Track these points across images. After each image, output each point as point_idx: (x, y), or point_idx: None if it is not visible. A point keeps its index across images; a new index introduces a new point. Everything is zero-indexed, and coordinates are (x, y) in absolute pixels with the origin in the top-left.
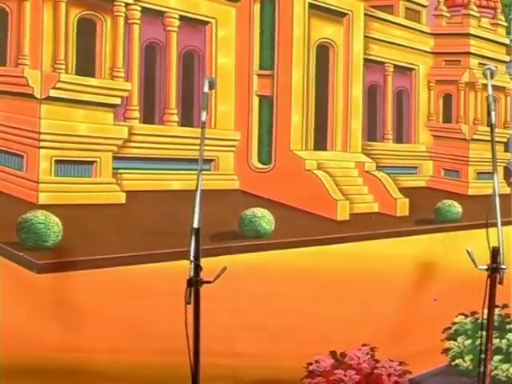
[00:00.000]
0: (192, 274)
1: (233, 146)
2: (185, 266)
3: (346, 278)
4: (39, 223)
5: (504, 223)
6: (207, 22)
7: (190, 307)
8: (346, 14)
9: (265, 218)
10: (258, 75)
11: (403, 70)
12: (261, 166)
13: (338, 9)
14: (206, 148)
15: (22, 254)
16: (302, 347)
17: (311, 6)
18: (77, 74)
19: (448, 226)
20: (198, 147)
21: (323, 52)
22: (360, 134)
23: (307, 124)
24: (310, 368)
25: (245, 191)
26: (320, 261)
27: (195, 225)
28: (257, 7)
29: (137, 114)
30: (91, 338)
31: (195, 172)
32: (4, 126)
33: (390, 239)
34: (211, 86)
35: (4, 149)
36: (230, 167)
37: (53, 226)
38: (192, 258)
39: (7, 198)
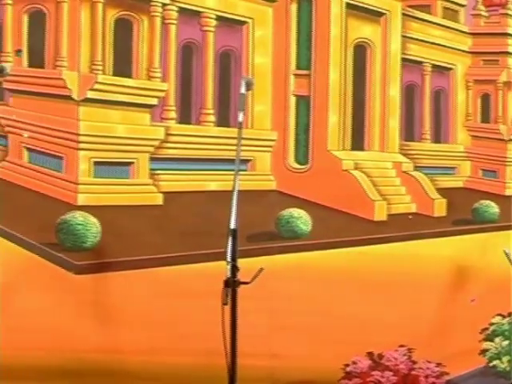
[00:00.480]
0: (229, 274)
1: (270, 147)
2: (222, 267)
3: (384, 278)
4: (78, 224)
5: None
6: (244, 22)
7: (227, 308)
8: (383, 14)
9: (302, 219)
10: (295, 75)
11: (441, 70)
12: (298, 166)
13: (375, 8)
14: (242, 148)
15: (60, 255)
16: (339, 348)
17: (348, 5)
18: (114, 74)
19: (485, 226)
20: (234, 147)
21: (360, 52)
22: (397, 134)
23: (344, 124)
24: (347, 369)
25: (282, 192)
26: (357, 261)
27: (232, 226)
28: (294, 7)
29: (173, 115)
30: (129, 338)
31: (232, 173)
32: (43, 127)
33: (428, 240)
34: (248, 86)
35: (43, 150)
36: (266, 167)
37: (91, 227)
38: (229, 259)
39: (46, 199)
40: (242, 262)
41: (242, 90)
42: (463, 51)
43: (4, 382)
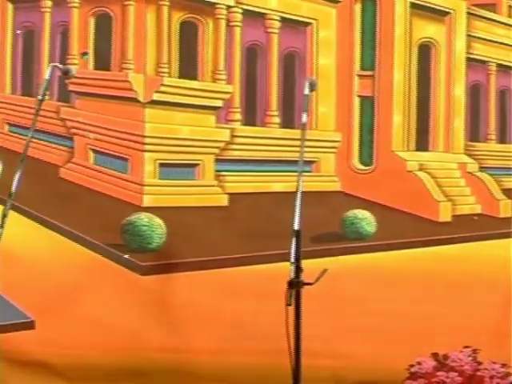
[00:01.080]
0: (293, 275)
1: (334, 148)
2: (286, 268)
3: (448, 279)
4: (143, 225)
5: None
6: (308, 23)
7: (291, 308)
8: (448, 13)
9: (366, 220)
10: (359, 76)
11: (506, 69)
12: (362, 167)
13: (440, 8)
14: (306, 149)
15: (126, 256)
16: (404, 349)
17: (413, 5)
18: (179, 77)
19: None
20: (298, 149)
21: (425, 51)
22: (462, 135)
23: (409, 124)
24: (412, 370)
25: (346, 193)
26: (422, 262)
27: (295, 227)
28: (358, 7)
29: (238, 116)
30: (194, 339)
31: (296, 174)
32: (108, 129)
33: (493, 241)
34: (312, 87)
35: (109, 152)
36: (331, 169)
37: (156, 229)
38: (292, 260)
39: (112, 200)
40: (306, 263)
41: (306, 91)
42: None
43: (71, 381)
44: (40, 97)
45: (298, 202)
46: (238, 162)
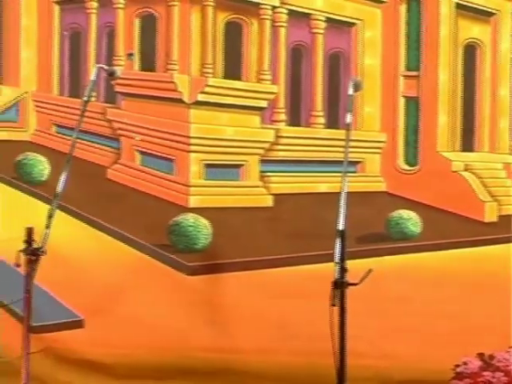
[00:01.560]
0: (337, 276)
1: (379, 148)
2: (331, 269)
3: (494, 279)
4: (189, 226)
5: None
6: (353, 24)
7: (336, 309)
8: (493, 14)
9: (411, 220)
10: (404, 76)
11: None
12: (407, 167)
13: (485, 8)
14: (352, 150)
15: (173, 257)
16: (449, 349)
17: (458, 5)
18: (224, 77)
19: None
20: (343, 149)
21: (470, 52)
22: (508, 135)
23: (454, 125)
24: (458, 370)
25: (391, 193)
26: (468, 263)
27: (340, 227)
28: (403, 8)
29: (283, 117)
30: (240, 338)
31: (341, 174)
32: (154, 130)
33: None
34: (356, 88)
35: (155, 153)
36: (376, 169)
37: (202, 229)
38: (337, 260)
39: (158, 201)
40: (351, 264)
41: (350, 91)
42: None
43: (118, 380)
44: (85, 98)
45: (342, 203)
46: (283, 162)
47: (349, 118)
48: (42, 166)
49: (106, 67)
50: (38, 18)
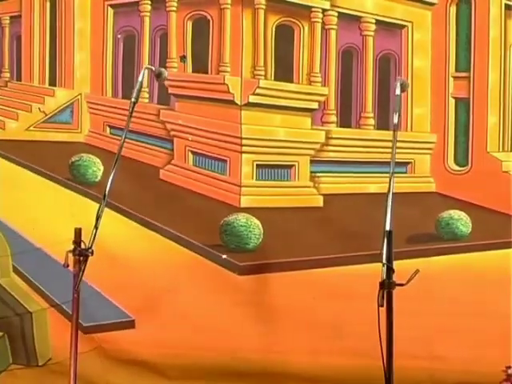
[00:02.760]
0: (384, 276)
1: (429, 149)
2: (379, 269)
3: None
4: (241, 226)
5: None
6: (403, 26)
7: (384, 309)
8: None
9: (462, 221)
10: (454, 77)
11: None
12: (457, 167)
13: None
14: (402, 151)
15: (224, 257)
16: (500, 350)
17: (508, 6)
18: (275, 79)
19: None
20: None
21: None
22: None
23: (504, 125)
24: (509, 371)
25: (441, 193)
26: None
27: (387, 227)
28: (453, 9)
29: (334, 118)
30: (290, 339)
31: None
32: (207, 131)
33: None
34: (403, 88)
35: (207, 154)
36: (426, 170)
37: (254, 229)
38: (384, 261)
39: (210, 201)
40: (401, 264)
41: (397, 91)
42: None
43: (170, 380)
44: (133, 99)
45: (389, 203)
46: (333, 163)
47: (396, 119)
48: (95, 168)
49: (153, 68)
50: (91, 20)
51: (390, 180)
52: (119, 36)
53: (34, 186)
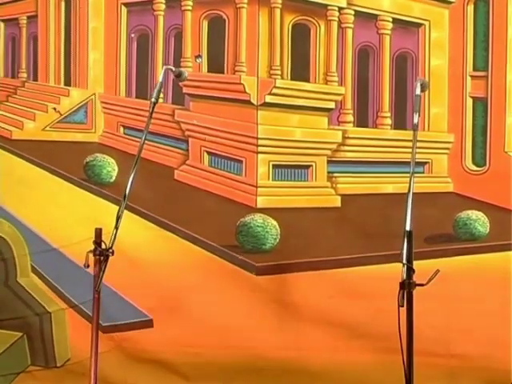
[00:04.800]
0: (404, 276)
1: (446, 149)
2: (399, 269)
3: None
4: (258, 226)
5: None
6: (420, 24)
7: (403, 309)
8: None
9: (479, 221)
10: (472, 76)
11: None
12: (475, 168)
13: None
14: (419, 151)
15: (241, 258)
16: None
17: None
18: (291, 79)
19: None
20: (410, 150)
21: None
22: None
23: None
24: None
25: (459, 193)
26: None
27: (407, 227)
28: (470, 8)
29: (351, 118)
30: (308, 338)
31: (408, 175)
32: (222, 131)
33: None
34: (423, 88)
35: (223, 154)
36: (443, 170)
37: (271, 229)
38: (404, 261)
39: (226, 201)
40: (418, 264)
41: (417, 91)
42: None
43: (189, 380)
44: (153, 99)
45: (409, 203)
46: (350, 163)
47: (415, 119)
48: (110, 168)
49: (173, 69)
50: (105, 20)
51: (410, 180)
52: (133, 35)
53: (50, 185)
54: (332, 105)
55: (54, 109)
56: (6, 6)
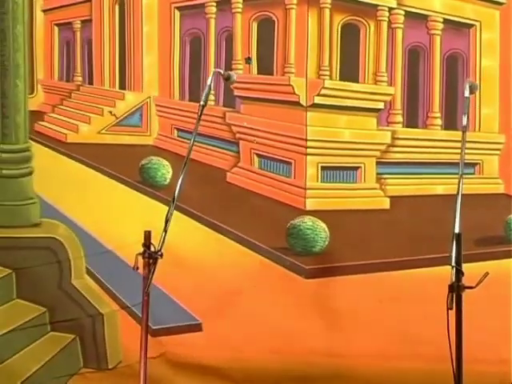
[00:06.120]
0: (453, 279)
1: (497, 150)
2: (449, 271)
3: None
4: (307, 229)
5: None
6: (471, 25)
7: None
8: None
9: None
10: None
11: None
12: None
13: None
14: (470, 152)
15: (291, 260)
16: None
17: None
18: (340, 79)
19: None
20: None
21: None
22: None
23: None
24: None
25: (510, 195)
26: None
27: (456, 230)
28: None
29: (400, 119)
30: (358, 342)
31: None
32: (272, 133)
33: None
34: (472, 90)
35: (273, 156)
36: (494, 171)
37: (320, 232)
38: (453, 264)
39: (276, 203)
40: (469, 267)
41: (466, 93)
42: None
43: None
44: (202, 102)
45: (458, 205)
46: (400, 164)
47: (464, 121)
48: (164, 170)
49: (222, 71)
50: (158, 23)
51: (459, 182)
52: (186, 38)
53: (104, 188)
54: (381, 105)
55: (110, 112)
56: (60, 10)
